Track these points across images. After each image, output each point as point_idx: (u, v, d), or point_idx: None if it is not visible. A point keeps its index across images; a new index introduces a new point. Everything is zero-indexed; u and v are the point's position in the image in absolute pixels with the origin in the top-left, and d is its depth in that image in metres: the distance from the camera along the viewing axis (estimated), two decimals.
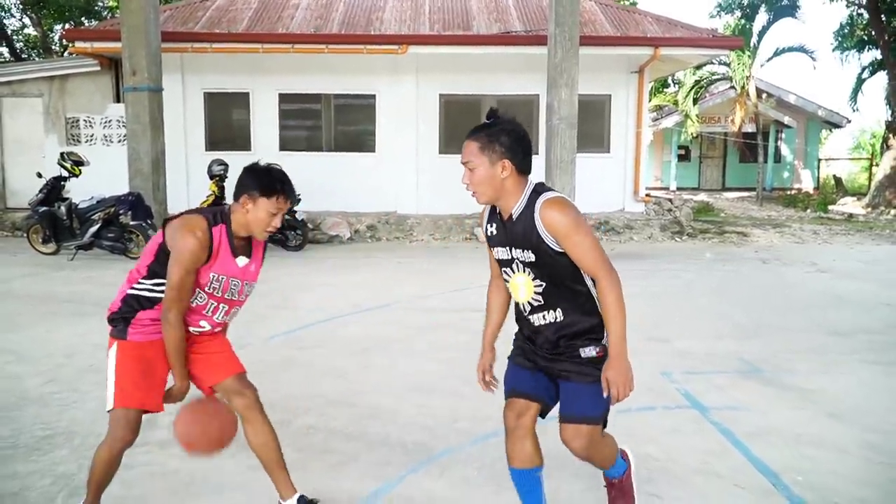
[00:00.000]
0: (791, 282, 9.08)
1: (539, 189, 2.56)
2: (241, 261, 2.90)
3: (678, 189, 26.09)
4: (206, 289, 2.83)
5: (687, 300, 7.85)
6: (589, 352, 2.57)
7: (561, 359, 2.62)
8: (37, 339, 5.90)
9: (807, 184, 26.65)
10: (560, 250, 2.47)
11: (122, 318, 2.85)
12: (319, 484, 3.40)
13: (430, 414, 4.34)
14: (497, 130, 2.51)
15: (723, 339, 6.12)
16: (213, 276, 2.82)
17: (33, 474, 3.47)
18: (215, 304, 2.89)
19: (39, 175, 10.95)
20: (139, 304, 2.84)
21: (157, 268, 2.79)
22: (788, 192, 24.56)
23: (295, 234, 11.37)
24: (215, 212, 2.86)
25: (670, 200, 15.81)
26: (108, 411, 2.82)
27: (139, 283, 2.85)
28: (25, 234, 11.24)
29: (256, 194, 2.76)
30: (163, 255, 2.77)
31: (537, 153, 13.79)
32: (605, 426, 2.71)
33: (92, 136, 14.61)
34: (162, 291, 2.78)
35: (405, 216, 13.88)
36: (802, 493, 3.30)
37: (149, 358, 2.83)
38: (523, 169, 2.55)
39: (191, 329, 2.90)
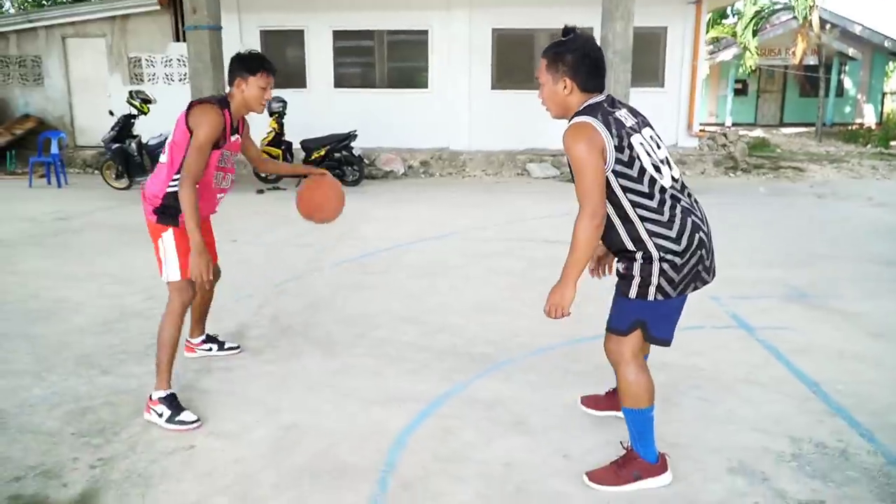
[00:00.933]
0: (844, 215, 9.13)
1: (584, 110, 2.64)
2: (234, 136, 3.56)
3: (734, 125, 25.65)
4: (219, 164, 3.51)
5: (738, 232, 8.00)
6: (619, 266, 2.73)
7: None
8: (127, 264, 6.41)
9: (869, 118, 25.87)
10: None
11: (168, 209, 3.44)
12: (394, 385, 3.81)
13: (493, 329, 4.70)
14: (564, 49, 2.65)
15: (772, 268, 6.32)
16: (223, 154, 3.50)
17: (146, 374, 3.92)
18: (222, 174, 3.59)
19: (111, 113, 11.48)
20: (175, 205, 3.38)
21: None
22: (850, 128, 23.92)
23: (352, 169, 11.73)
24: (220, 98, 3.47)
25: (725, 136, 15.68)
26: (173, 282, 3.51)
27: (175, 179, 3.39)
28: (99, 171, 11.85)
29: (246, 74, 3.40)
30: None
31: None
32: (651, 342, 2.79)
33: (154, 74, 15.06)
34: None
35: (458, 152, 14.10)
36: (840, 400, 3.58)
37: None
38: (587, 87, 2.67)
39: (216, 209, 3.79)
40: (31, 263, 6.50)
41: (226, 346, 4.23)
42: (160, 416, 3.33)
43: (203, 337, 4.20)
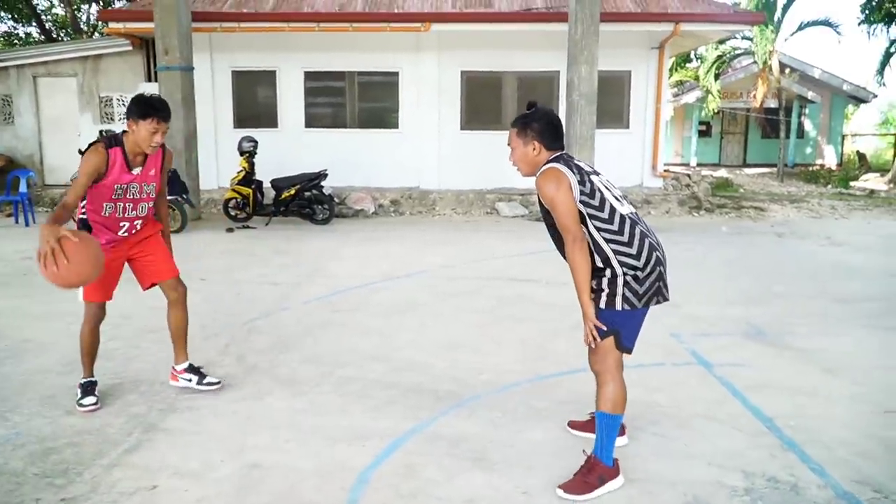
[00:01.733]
0: (803, 254, 9.38)
1: (550, 161, 3.15)
2: (136, 170, 3.81)
3: (699, 165, 26.19)
4: (113, 196, 3.77)
5: (700, 270, 8.19)
6: (592, 284, 3.10)
7: None
8: None
9: (830, 160, 26.60)
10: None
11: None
12: (359, 423, 3.85)
13: (459, 367, 4.76)
14: (531, 119, 3.19)
15: (731, 305, 6.48)
16: (116, 187, 3.75)
17: (110, 414, 3.94)
18: (122, 205, 3.83)
19: (81, 152, 11.37)
20: (85, 224, 3.87)
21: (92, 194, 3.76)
22: (810, 168, 24.57)
23: (322, 208, 11.80)
24: (111, 137, 3.76)
25: (689, 176, 16.05)
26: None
27: (82, 208, 3.85)
28: None
29: (137, 118, 3.67)
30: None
31: None
32: (620, 349, 3.14)
33: (125, 114, 15.06)
34: (93, 211, 3.79)
35: (428, 191, 14.26)
36: (792, 435, 3.69)
37: (114, 262, 3.96)
38: (552, 147, 3.19)
39: (119, 234, 3.93)
40: None
41: (205, 381, 4.29)
42: (76, 397, 3.99)
43: (186, 365, 4.31)
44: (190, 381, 4.28)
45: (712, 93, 22.78)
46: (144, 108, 3.66)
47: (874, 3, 21.61)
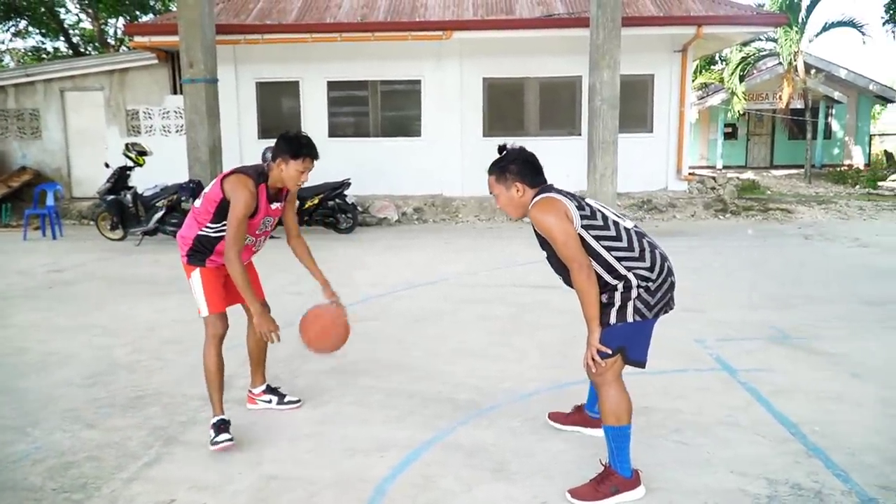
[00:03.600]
0: (831, 256, 9.23)
1: (539, 193, 3.10)
2: (274, 204, 3.79)
3: (725, 167, 25.92)
4: (256, 231, 3.78)
5: (725, 274, 8.09)
6: (602, 298, 3.05)
7: None
8: (119, 316, 6.47)
9: (857, 160, 26.21)
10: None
11: (198, 252, 3.76)
12: (379, 433, 3.84)
13: (478, 376, 4.74)
14: (505, 162, 3.14)
15: (756, 310, 6.38)
16: (263, 221, 3.76)
17: (131, 427, 3.97)
18: (259, 239, 3.89)
19: (107, 165, 11.61)
20: (210, 242, 3.73)
21: (220, 216, 3.65)
22: (838, 169, 24.20)
23: (346, 217, 11.85)
24: (258, 171, 3.69)
25: (714, 178, 15.86)
26: (205, 317, 3.79)
27: (207, 226, 3.71)
28: (94, 222, 11.97)
29: (288, 157, 3.61)
30: (223, 206, 3.61)
31: (580, 134, 14.04)
32: (629, 363, 3.09)
33: (151, 126, 15.28)
34: (224, 232, 3.63)
35: (451, 198, 14.26)
36: (817, 441, 3.62)
37: (224, 275, 3.80)
38: (535, 184, 3.13)
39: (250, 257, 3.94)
40: (22, 316, 6.55)
41: (286, 400, 4.23)
42: (210, 437, 3.66)
43: (263, 387, 4.26)
44: (270, 402, 4.22)
45: (737, 95, 22.55)
46: (296, 147, 3.60)
47: None
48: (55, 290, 7.65)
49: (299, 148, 3.61)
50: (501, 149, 3.20)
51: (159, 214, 10.83)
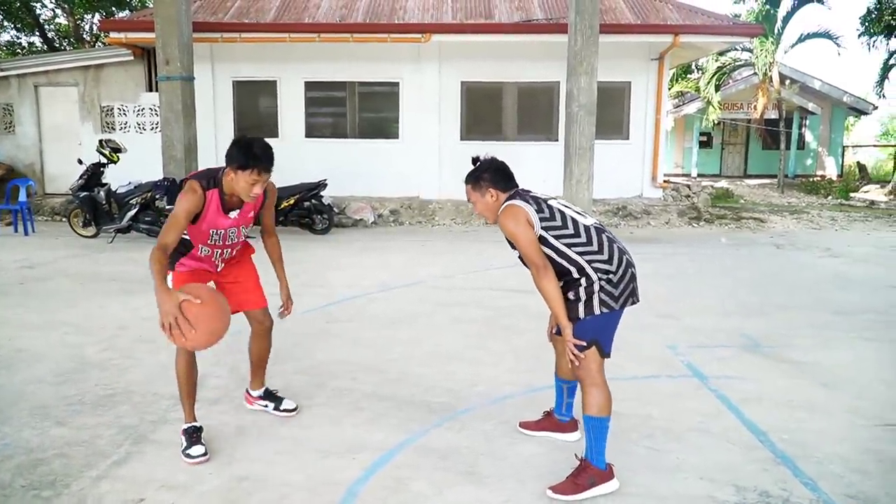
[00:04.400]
0: (802, 265, 9.36)
1: (506, 199, 3.30)
2: (233, 213, 3.53)
3: (699, 176, 26.22)
4: (209, 241, 3.55)
5: (698, 281, 8.17)
6: (569, 294, 3.22)
7: None
8: (90, 314, 6.38)
9: (830, 171, 26.62)
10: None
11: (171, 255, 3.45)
12: (351, 435, 3.83)
13: (452, 379, 4.74)
14: (479, 171, 3.37)
15: (728, 317, 6.46)
16: (212, 232, 3.52)
17: (100, 426, 3.92)
18: (220, 251, 3.64)
19: (80, 161, 11.46)
20: (181, 243, 3.49)
21: None
22: (811, 180, 24.56)
23: (321, 217, 11.81)
24: (210, 177, 3.44)
25: (688, 186, 16.05)
26: None
27: None
28: (66, 218, 11.82)
29: (237, 167, 3.34)
30: None
31: (557, 139, 14.11)
32: (599, 353, 3.20)
33: (126, 123, 15.13)
34: (187, 235, 3.49)
35: (427, 201, 14.27)
36: (786, 448, 3.67)
37: (190, 280, 3.52)
38: (507, 188, 3.36)
39: (216, 270, 3.75)
40: None
41: (282, 407, 4.10)
42: (181, 444, 3.56)
43: (262, 391, 4.15)
44: (266, 406, 4.12)
45: (713, 104, 22.82)
46: (244, 158, 3.29)
47: (874, 16, 21.63)
48: (26, 287, 7.54)
49: (248, 158, 3.30)
50: (475, 160, 3.43)
51: (133, 212, 10.71)
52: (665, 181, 15.79)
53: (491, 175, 3.34)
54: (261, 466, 3.46)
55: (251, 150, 3.33)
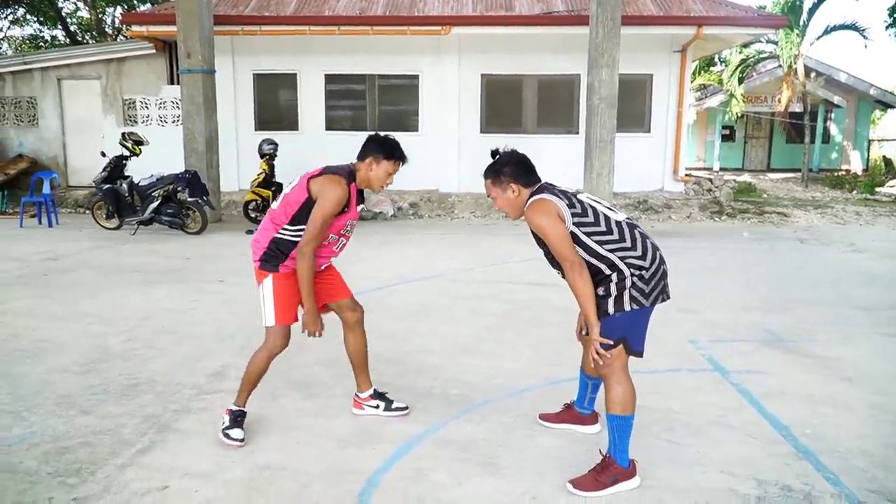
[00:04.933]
0: (826, 260, 9.26)
1: (534, 193, 3.22)
2: (359, 206, 3.72)
3: (722, 169, 25.98)
4: (342, 231, 3.67)
5: (720, 276, 8.12)
6: (599, 290, 3.15)
7: None
8: (113, 304, 6.46)
9: (856, 165, 26.24)
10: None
11: (272, 256, 3.62)
12: (372, 426, 3.85)
13: (471, 371, 4.75)
14: (499, 165, 3.27)
15: (750, 312, 6.41)
16: (349, 223, 3.67)
17: (124, 415, 3.97)
18: (343, 240, 3.77)
19: (103, 154, 11.59)
20: (286, 245, 3.59)
21: (301, 217, 3.51)
22: (836, 174, 24.24)
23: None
24: (348, 171, 3.60)
25: (710, 180, 15.90)
26: (268, 327, 3.64)
27: (285, 229, 3.58)
28: (90, 210, 11.96)
29: (381, 157, 3.58)
30: (307, 207, 3.49)
31: (577, 132, 14.05)
32: (631, 354, 3.16)
33: (147, 116, 15.26)
34: (301, 234, 3.52)
35: (447, 194, 14.27)
36: (808, 443, 3.64)
37: (294, 285, 3.61)
38: (530, 183, 3.27)
39: (321, 267, 3.78)
40: (17, 303, 6.54)
41: (393, 406, 4.03)
42: (222, 422, 3.65)
43: (371, 392, 4.07)
44: (377, 407, 4.02)
45: (736, 97, 22.58)
46: (390, 149, 3.60)
47: None
48: (50, 278, 7.64)
49: (393, 149, 3.60)
50: (494, 153, 3.34)
51: (155, 204, 10.80)
52: (687, 175, 15.68)
53: (512, 169, 3.25)
54: (282, 456, 3.49)
55: (394, 143, 3.64)
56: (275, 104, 15.10)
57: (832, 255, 9.68)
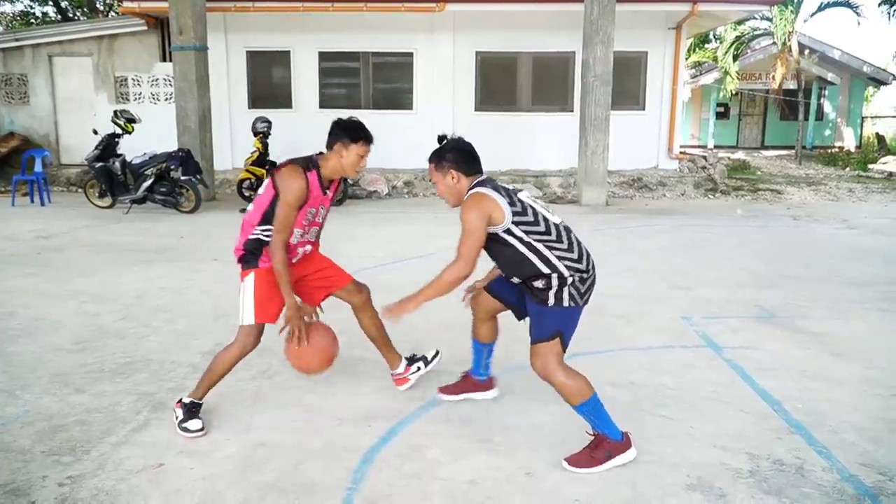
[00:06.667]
0: (818, 237, 9.29)
1: (475, 186, 3.24)
2: (326, 193, 3.66)
3: (716, 147, 25.93)
4: (304, 221, 3.58)
5: (713, 252, 8.14)
6: (538, 284, 3.18)
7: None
8: (107, 283, 6.45)
9: (849, 142, 26.25)
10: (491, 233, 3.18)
11: (250, 254, 3.57)
12: (366, 403, 3.88)
13: (463, 349, 4.73)
14: (443, 151, 3.30)
15: (743, 288, 6.44)
16: (309, 212, 3.58)
17: (119, 393, 3.98)
18: (311, 229, 3.71)
19: (95, 132, 11.50)
20: (261, 244, 3.56)
21: (271, 215, 3.47)
22: (829, 151, 24.24)
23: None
24: (306, 161, 3.55)
25: (704, 158, 15.90)
26: (244, 325, 3.53)
27: (256, 229, 3.56)
28: (82, 189, 11.89)
29: (348, 141, 3.50)
30: (275, 203, 3.46)
31: (572, 110, 14.00)
32: (562, 345, 3.19)
33: (140, 94, 15.14)
34: (265, 240, 3.53)
35: None
36: (799, 417, 3.68)
37: (273, 282, 3.52)
38: (470, 172, 3.29)
39: (294, 260, 3.67)
40: (10, 282, 6.52)
41: (430, 358, 4.16)
42: (176, 417, 3.52)
43: (405, 363, 4.10)
44: (419, 370, 4.10)
45: (730, 74, 22.54)
46: (355, 131, 3.51)
47: None
48: (43, 256, 7.62)
49: (357, 131, 3.53)
50: (441, 138, 3.36)
51: (148, 183, 10.75)
52: (681, 152, 15.67)
53: (454, 155, 3.27)
54: (277, 434, 3.51)
55: (359, 125, 3.57)
56: (268, 82, 14.99)
57: (825, 231, 9.71)
